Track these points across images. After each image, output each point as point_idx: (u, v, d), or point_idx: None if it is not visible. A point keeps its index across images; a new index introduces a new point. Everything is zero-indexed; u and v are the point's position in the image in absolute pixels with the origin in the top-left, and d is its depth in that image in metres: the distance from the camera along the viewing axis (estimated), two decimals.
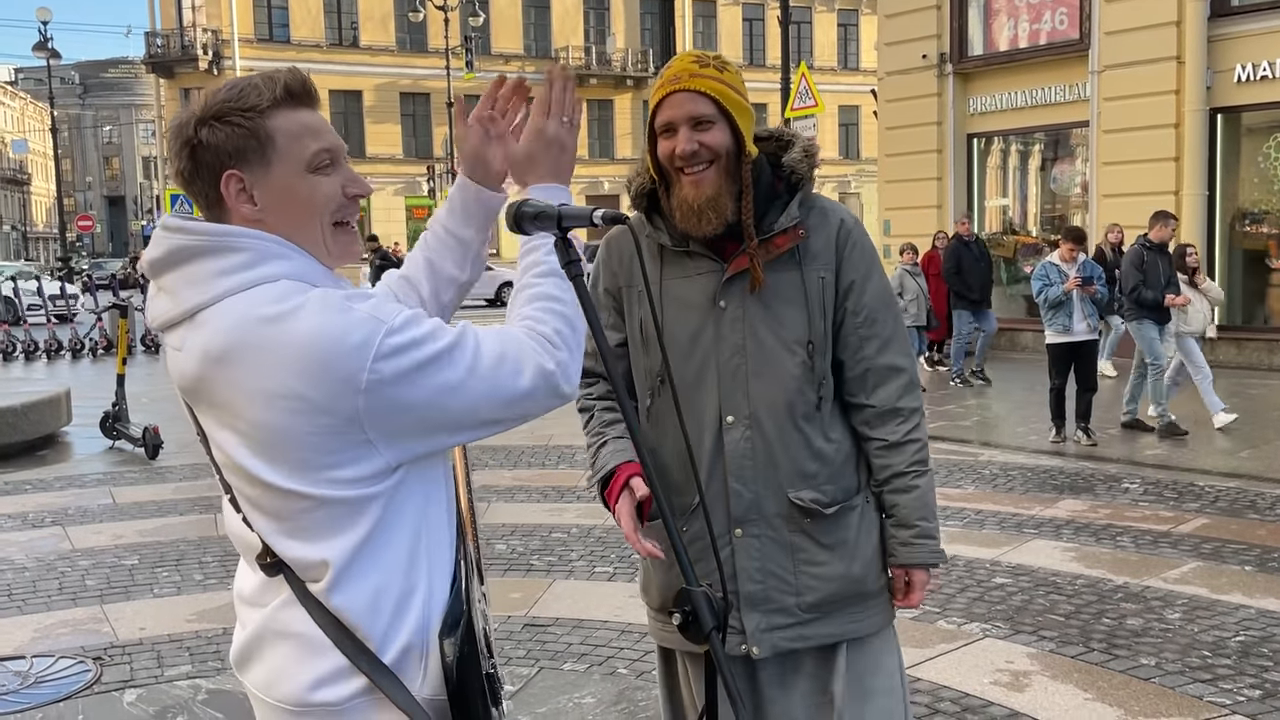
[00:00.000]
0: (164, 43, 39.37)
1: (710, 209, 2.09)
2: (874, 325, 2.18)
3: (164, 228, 1.50)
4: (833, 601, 2.19)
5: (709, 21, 46.44)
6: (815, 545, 2.18)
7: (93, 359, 17.72)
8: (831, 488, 2.18)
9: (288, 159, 1.50)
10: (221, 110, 1.47)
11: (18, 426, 9.42)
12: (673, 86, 2.09)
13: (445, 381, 1.43)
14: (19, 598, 5.42)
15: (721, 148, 2.08)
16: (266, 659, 1.55)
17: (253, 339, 1.41)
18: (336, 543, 1.46)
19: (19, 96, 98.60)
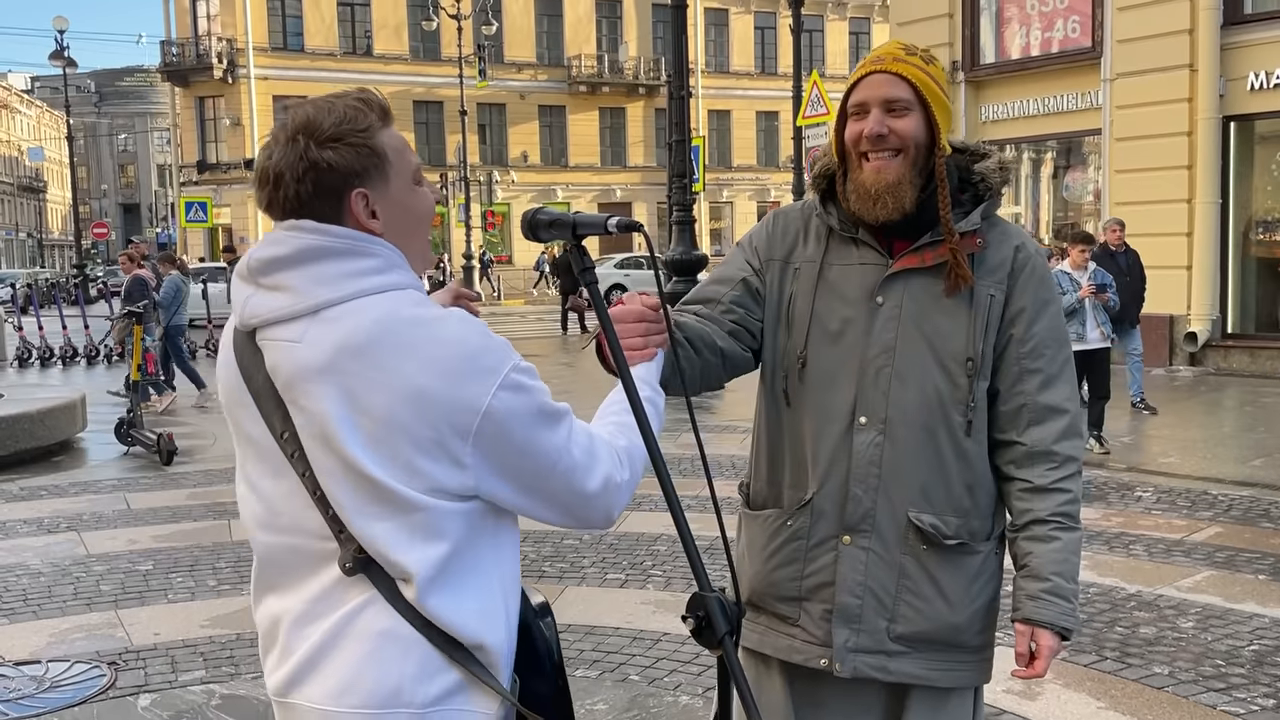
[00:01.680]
0: (179, 51, 39.59)
1: (889, 194, 1.96)
2: (1039, 359, 2.01)
3: (293, 229, 1.52)
4: (924, 640, 2.03)
5: (721, 30, 46.50)
6: (924, 575, 2.01)
7: (108, 365, 17.81)
8: (956, 521, 2.01)
9: (400, 174, 1.57)
10: (339, 133, 1.51)
11: (34, 432, 9.48)
12: (874, 67, 1.99)
13: (544, 437, 1.52)
14: (34, 602, 5.46)
15: (912, 137, 1.97)
16: (338, 665, 1.52)
17: (398, 336, 1.46)
18: (426, 549, 1.49)
19: (35, 105, 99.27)
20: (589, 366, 6.37)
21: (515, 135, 43.27)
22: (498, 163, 42.10)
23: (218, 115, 39.89)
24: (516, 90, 42.63)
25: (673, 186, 13.72)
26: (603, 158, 44.85)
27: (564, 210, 1.66)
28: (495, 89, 40.57)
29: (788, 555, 2.07)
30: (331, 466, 1.49)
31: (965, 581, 2.02)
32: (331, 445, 1.48)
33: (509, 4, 42.51)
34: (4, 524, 7.08)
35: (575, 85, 43.62)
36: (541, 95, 43.50)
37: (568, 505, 1.56)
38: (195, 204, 29.22)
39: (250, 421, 1.56)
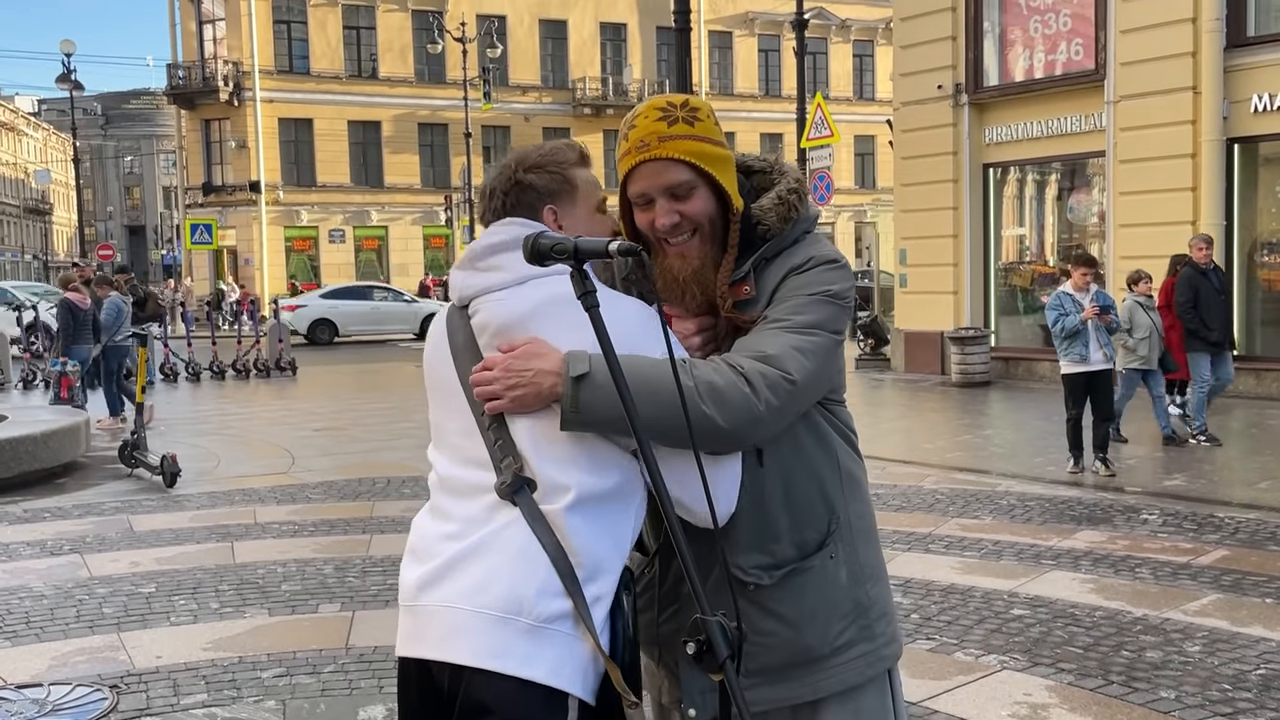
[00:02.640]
0: (186, 74, 39.82)
1: (695, 283, 1.93)
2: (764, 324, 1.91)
3: (507, 223, 1.92)
4: (778, 668, 1.98)
5: (725, 52, 46.72)
6: (760, 611, 1.95)
7: None
8: (781, 548, 1.95)
9: (586, 201, 1.99)
10: (541, 162, 1.96)
11: (37, 454, 9.49)
12: (641, 155, 1.92)
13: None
14: (37, 625, 5.45)
15: (704, 215, 1.92)
16: (472, 571, 1.77)
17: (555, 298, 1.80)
18: (588, 477, 1.77)
19: (42, 127, 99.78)
20: None
21: None
22: None
23: (223, 138, 40.07)
24: (521, 112, 42.81)
25: None
26: (607, 179, 44.53)
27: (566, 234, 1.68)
28: (500, 111, 40.75)
29: (645, 603, 2.03)
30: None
31: (806, 601, 1.96)
32: None
33: (514, 27, 42.75)
34: (7, 546, 7.08)
35: (580, 107, 43.80)
36: (546, 117, 43.67)
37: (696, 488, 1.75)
38: (200, 226, 29.34)
39: (445, 371, 1.92)
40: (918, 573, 6.00)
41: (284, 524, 7.58)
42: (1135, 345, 9.84)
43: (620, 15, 44.75)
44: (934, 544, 6.69)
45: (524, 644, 1.72)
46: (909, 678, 4.49)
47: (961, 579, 5.93)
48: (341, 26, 40.77)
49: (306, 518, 7.78)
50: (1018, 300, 16.58)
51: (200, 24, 39.92)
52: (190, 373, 18.87)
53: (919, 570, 6.06)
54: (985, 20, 15.98)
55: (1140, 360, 9.84)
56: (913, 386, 15.51)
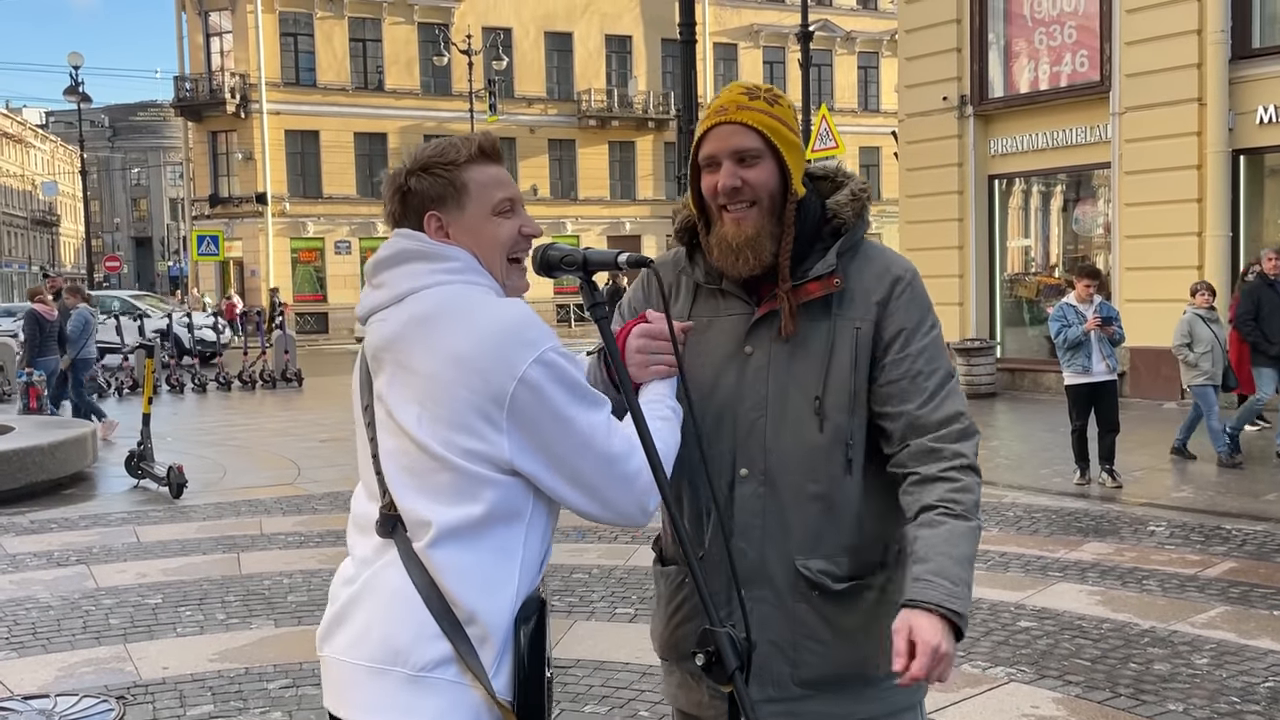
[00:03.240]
0: (193, 87, 39.94)
1: (749, 248, 1.96)
2: (917, 379, 1.96)
3: (399, 234, 1.82)
4: (830, 681, 1.99)
5: (730, 64, 46.79)
6: (820, 620, 1.98)
7: (118, 398, 17.86)
8: (846, 560, 1.98)
9: (479, 204, 1.81)
10: (428, 164, 1.81)
11: (44, 465, 9.51)
12: (719, 118, 1.96)
13: (581, 414, 1.66)
14: (44, 636, 5.45)
15: (765, 186, 1.95)
16: (356, 619, 1.70)
17: (454, 308, 1.70)
18: (451, 509, 1.66)
19: (49, 139, 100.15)
20: None
21: (525, 169, 43.49)
22: None
23: (230, 149, 40.18)
24: (526, 124, 42.90)
25: None
26: (612, 191, 45.03)
27: (574, 245, 1.68)
28: (505, 123, 40.83)
29: (688, 612, 2.05)
30: (384, 421, 1.72)
31: (864, 618, 1.99)
32: (386, 403, 1.71)
33: (519, 39, 42.87)
34: (14, 557, 7.09)
35: (585, 119, 43.88)
36: (551, 129, 43.76)
37: (602, 490, 1.68)
38: (207, 237, 29.42)
39: (356, 396, 1.85)
40: None
41: (290, 535, 7.59)
42: (1197, 360, 9.45)
43: (625, 28, 44.87)
44: None
45: (405, 695, 1.64)
46: None
47: None
48: (348, 39, 40.91)
49: (312, 529, 7.79)
50: (1023, 311, 16.56)
51: (207, 37, 40.07)
52: (196, 384, 18.90)
53: None
54: (990, 32, 16.00)
55: (1205, 376, 9.44)
56: None
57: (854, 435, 1.97)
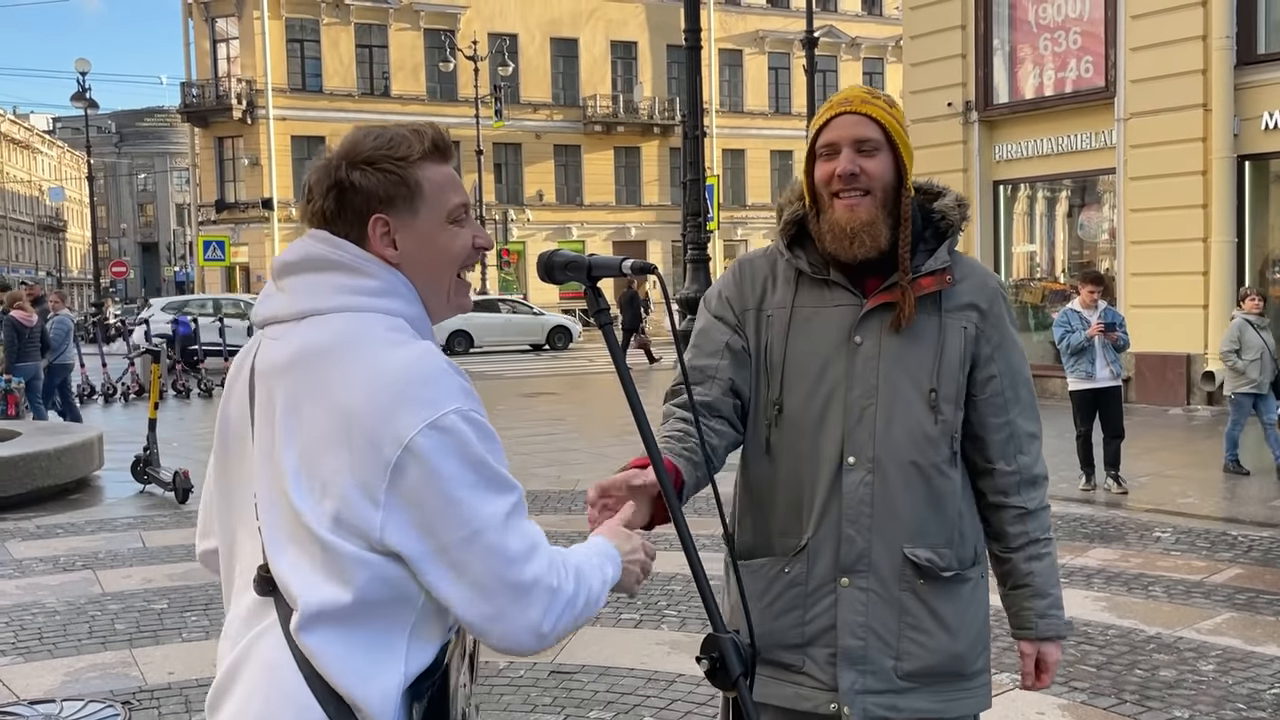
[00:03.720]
0: (199, 93, 40.07)
1: (865, 233, 2.00)
2: (1018, 389, 2.10)
3: (312, 238, 1.54)
4: (931, 674, 2.05)
5: (735, 70, 46.86)
6: (924, 609, 2.04)
7: (124, 403, 17.89)
8: (949, 552, 2.05)
9: (433, 208, 1.54)
10: (374, 157, 1.51)
11: (50, 470, 9.52)
12: (843, 108, 2.03)
13: (474, 499, 1.38)
14: (49, 641, 5.46)
15: (881, 178, 2.01)
16: (237, 696, 1.47)
17: (351, 347, 1.44)
18: (319, 588, 1.40)
19: (56, 145, 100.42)
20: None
21: (531, 174, 43.57)
22: (513, 201, 42.38)
23: (236, 155, 40.30)
24: (532, 130, 42.98)
25: (687, 225, 13.78)
26: (618, 196, 45.08)
27: (579, 251, 1.68)
28: (511, 129, 40.91)
29: (788, 602, 2.07)
30: (262, 468, 1.47)
31: (961, 610, 2.07)
32: (270, 446, 1.46)
33: (525, 45, 42.96)
34: (21, 562, 7.11)
35: (590, 125, 43.95)
36: (557, 135, 43.83)
37: (487, 593, 1.37)
38: (213, 243, 29.49)
39: (240, 417, 1.55)
40: None
41: None
42: (1245, 368, 9.16)
43: (631, 34, 44.94)
44: None
45: None
46: None
47: None
48: (354, 45, 41.02)
49: None
50: (1028, 317, 16.54)
51: (214, 43, 40.19)
52: (202, 389, 18.94)
53: None
54: (995, 38, 16.01)
55: (1251, 384, 9.15)
56: None
57: (959, 430, 2.07)
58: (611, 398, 14.97)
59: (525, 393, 18.09)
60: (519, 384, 19.77)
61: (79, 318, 42.47)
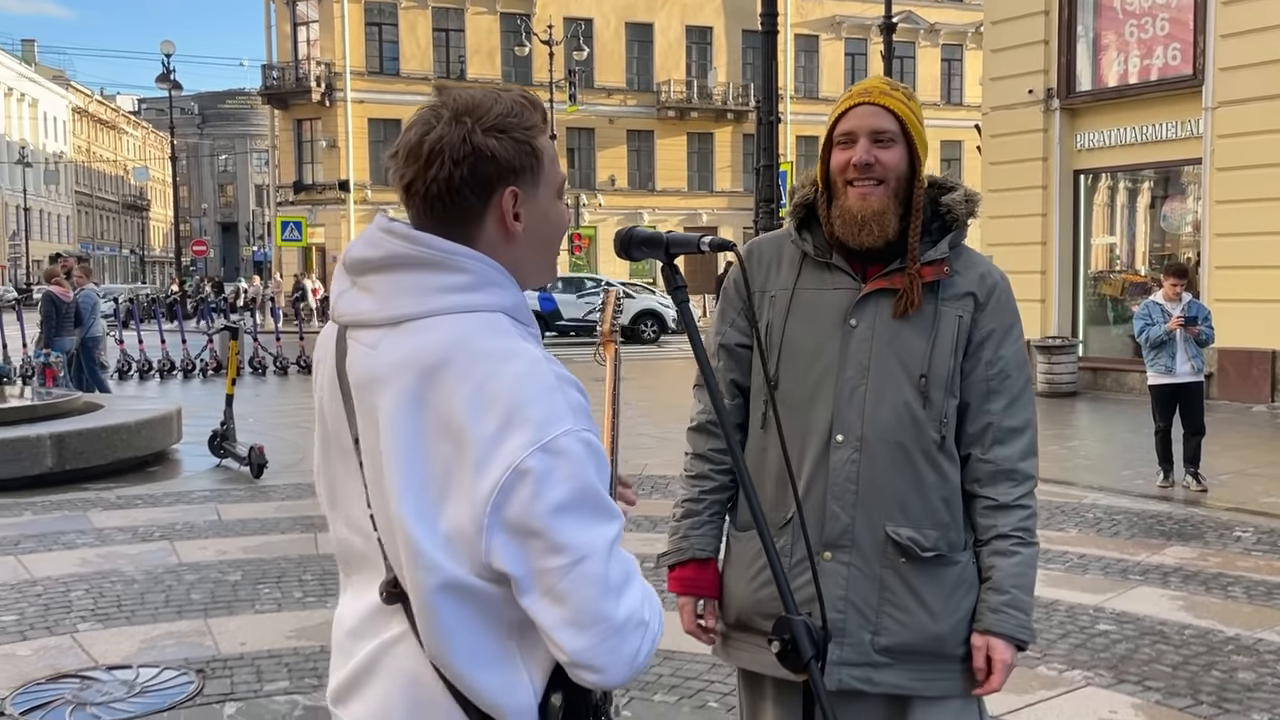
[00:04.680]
0: (279, 75, 40.70)
1: (875, 222, 2.08)
2: (1005, 381, 2.13)
3: (389, 232, 1.44)
4: (908, 651, 2.10)
5: (811, 56, 46.42)
6: (904, 588, 2.10)
7: (203, 379, 18.30)
8: (934, 534, 2.10)
9: (550, 181, 1.49)
10: (504, 124, 1.42)
11: (131, 443, 9.77)
12: (861, 99, 2.10)
13: (576, 526, 1.32)
14: (127, 609, 5.60)
15: (895, 169, 2.09)
16: (374, 695, 1.47)
17: (456, 362, 1.36)
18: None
19: (141, 126, 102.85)
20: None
21: (603, 159, 43.62)
22: (585, 186, 42.46)
23: (314, 137, 40.88)
24: (606, 115, 43.01)
25: (759, 211, 13.71)
26: (690, 182, 44.98)
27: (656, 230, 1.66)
28: (585, 113, 40.97)
29: (770, 576, 2.13)
30: (374, 486, 1.43)
31: (945, 592, 2.10)
32: (379, 463, 1.41)
33: (600, 30, 42.97)
34: (101, 531, 7.30)
35: (664, 110, 43.86)
36: (630, 120, 43.81)
37: (583, 625, 1.32)
38: (291, 223, 30.00)
39: (336, 413, 1.50)
40: None
41: None
42: None
43: (707, 18, 44.73)
44: None
45: None
46: None
47: (1046, 592, 5.80)
48: (431, 29, 41.36)
49: None
50: (1107, 309, 16.20)
51: (295, 26, 40.78)
52: (278, 367, 19.28)
53: None
54: (1079, 24, 15.64)
55: None
56: None
57: (948, 415, 2.11)
58: (680, 381, 14.93)
59: (598, 377, 18.13)
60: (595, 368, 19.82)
61: (162, 294, 43.49)
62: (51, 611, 5.52)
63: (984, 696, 2.18)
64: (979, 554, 2.14)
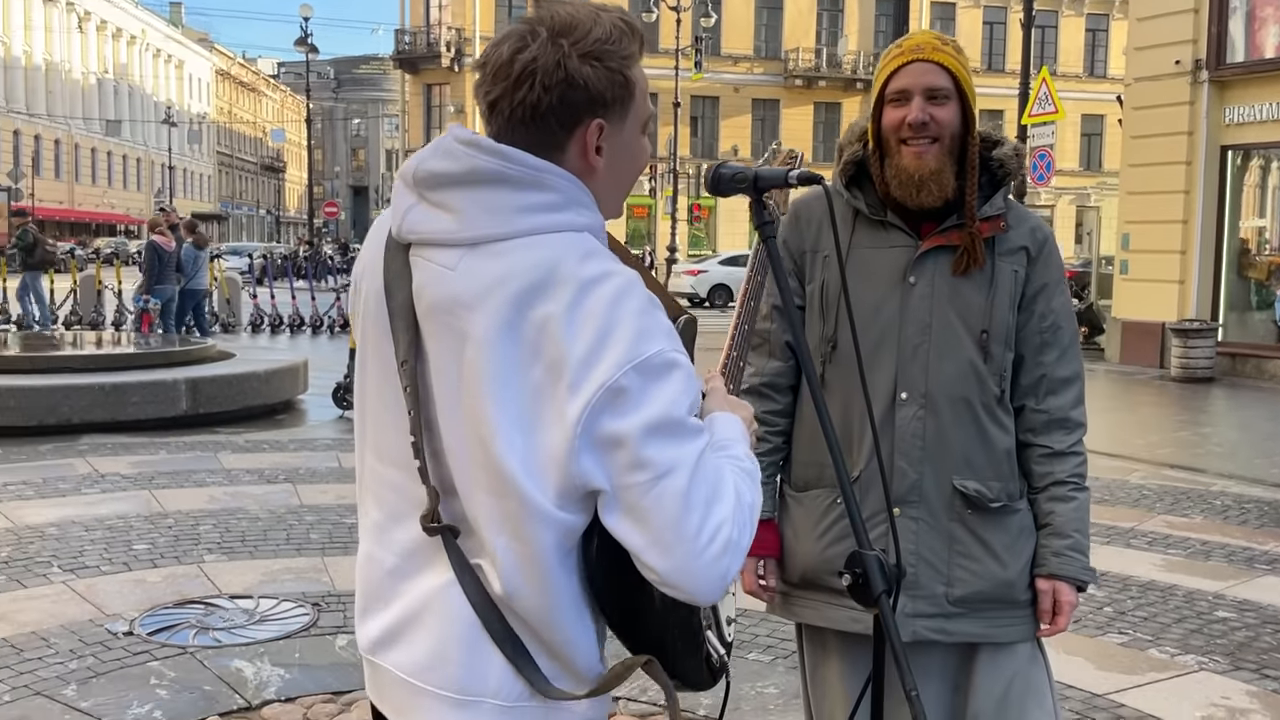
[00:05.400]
0: (411, 40, 41.50)
1: (933, 181, 2.08)
2: (1058, 333, 2.16)
3: (467, 144, 1.37)
4: (981, 600, 2.14)
5: (947, 24, 45.25)
6: (973, 539, 2.14)
7: (330, 335, 18.88)
8: (998, 485, 2.14)
9: (638, 115, 1.43)
10: (601, 51, 1.36)
11: (260, 391, 10.19)
12: (914, 55, 2.08)
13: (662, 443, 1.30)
14: (251, 544, 5.85)
15: (950, 126, 2.08)
16: (424, 638, 1.43)
17: (550, 284, 1.32)
18: (519, 538, 1.36)
19: (280, 89, 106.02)
20: None
21: (727, 128, 43.38)
22: (708, 156, 42.30)
23: (443, 102, 41.62)
24: (731, 83, 42.72)
25: None
26: (814, 153, 44.39)
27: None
28: (710, 81, 40.77)
29: (840, 532, 2.17)
30: (452, 408, 1.38)
31: (1011, 539, 2.15)
32: (460, 386, 1.36)
33: None
34: (230, 472, 7.62)
35: (791, 79, 43.38)
36: (756, 89, 43.45)
37: (665, 543, 1.30)
38: None
39: (379, 337, 1.45)
40: (1116, 567, 5.72)
41: None
42: None
43: None
44: (1136, 539, 6.36)
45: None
46: (1096, 669, 4.32)
47: (1163, 576, 5.63)
48: None
49: None
50: (1251, 293, 15.50)
51: None
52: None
53: (1117, 565, 5.78)
54: None
55: None
56: (1127, 379, 14.74)
57: (1006, 369, 2.15)
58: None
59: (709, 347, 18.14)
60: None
61: (292, 251, 44.88)
62: (181, 543, 5.80)
63: (1042, 647, 2.24)
64: (1034, 501, 2.18)
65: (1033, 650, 2.20)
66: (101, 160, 67.46)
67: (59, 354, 10.78)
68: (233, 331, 18.70)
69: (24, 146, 56.73)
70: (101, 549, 5.65)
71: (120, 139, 69.22)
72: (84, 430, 8.84)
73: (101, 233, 59.78)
